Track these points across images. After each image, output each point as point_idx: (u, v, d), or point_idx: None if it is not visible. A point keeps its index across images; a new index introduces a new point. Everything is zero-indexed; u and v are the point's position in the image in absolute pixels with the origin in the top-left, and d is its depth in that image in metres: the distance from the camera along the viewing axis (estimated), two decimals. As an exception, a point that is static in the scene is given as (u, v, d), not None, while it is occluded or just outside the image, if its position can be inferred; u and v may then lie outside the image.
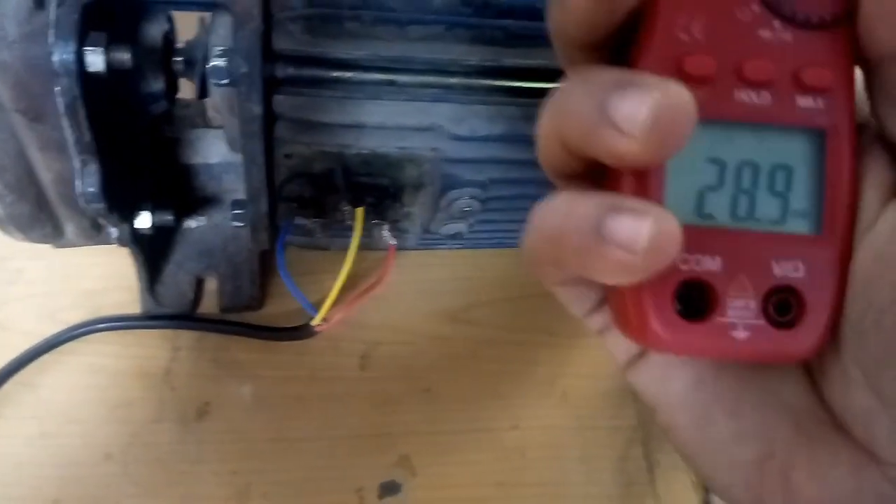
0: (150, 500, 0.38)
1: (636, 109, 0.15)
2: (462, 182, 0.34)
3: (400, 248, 0.39)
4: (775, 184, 0.18)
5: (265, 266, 0.43)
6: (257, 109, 0.30)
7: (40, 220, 0.33)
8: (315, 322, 0.39)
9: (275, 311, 0.44)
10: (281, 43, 0.30)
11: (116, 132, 0.32)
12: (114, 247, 0.38)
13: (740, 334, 0.17)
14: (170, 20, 0.35)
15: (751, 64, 0.17)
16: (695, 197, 0.18)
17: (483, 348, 0.44)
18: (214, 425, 0.40)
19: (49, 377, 0.40)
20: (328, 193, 0.34)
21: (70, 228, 0.34)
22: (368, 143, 0.32)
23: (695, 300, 0.18)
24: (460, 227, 0.37)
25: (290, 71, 0.30)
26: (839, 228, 0.18)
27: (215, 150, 0.40)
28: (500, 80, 0.31)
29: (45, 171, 0.31)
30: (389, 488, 0.39)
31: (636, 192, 0.17)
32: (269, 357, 0.42)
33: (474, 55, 0.30)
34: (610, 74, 0.16)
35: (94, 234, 0.35)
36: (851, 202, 0.18)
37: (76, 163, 0.30)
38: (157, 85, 0.34)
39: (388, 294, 0.43)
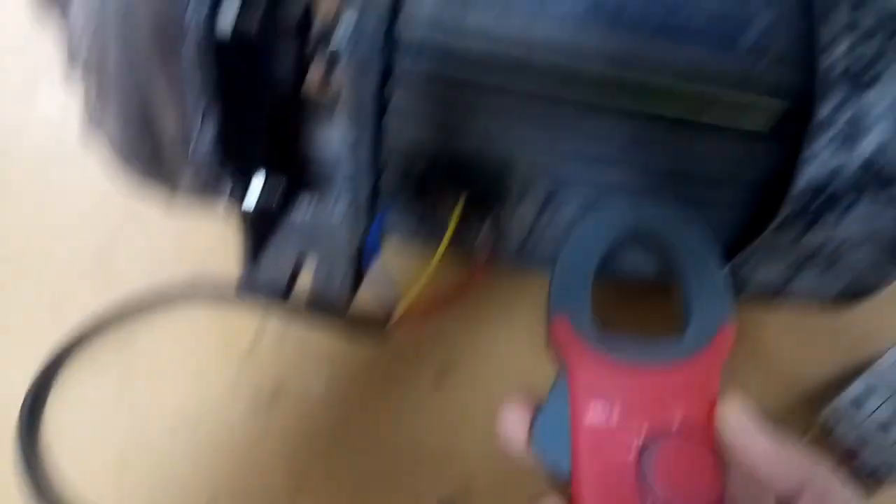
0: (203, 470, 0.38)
1: None
2: (575, 182, 0.32)
3: (494, 259, 0.37)
4: None
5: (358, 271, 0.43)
6: (374, 87, 0.30)
7: (158, 163, 0.35)
8: (392, 316, 0.37)
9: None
10: (408, 30, 0.30)
11: (243, 96, 0.33)
12: (218, 218, 0.39)
13: None
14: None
15: None
16: None
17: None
18: (284, 411, 0.39)
19: (140, 336, 0.41)
20: (432, 184, 0.33)
21: (184, 182, 0.35)
22: (483, 139, 0.31)
23: None
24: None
25: (415, 55, 0.30)
26: None
27: (334, 136, 0.41)
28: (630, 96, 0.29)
29: (169, 115, 0.33)
30: (446, 508, 0.37)
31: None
32: (349, 354, 0.41)
33: (608, 57, 0.29)
34: None
35: (206, 191, 0.36)
36: None
37: (194, 110, 0.31)
38: (287, 60, 0.35)
39: (468, 314, 0.42)
